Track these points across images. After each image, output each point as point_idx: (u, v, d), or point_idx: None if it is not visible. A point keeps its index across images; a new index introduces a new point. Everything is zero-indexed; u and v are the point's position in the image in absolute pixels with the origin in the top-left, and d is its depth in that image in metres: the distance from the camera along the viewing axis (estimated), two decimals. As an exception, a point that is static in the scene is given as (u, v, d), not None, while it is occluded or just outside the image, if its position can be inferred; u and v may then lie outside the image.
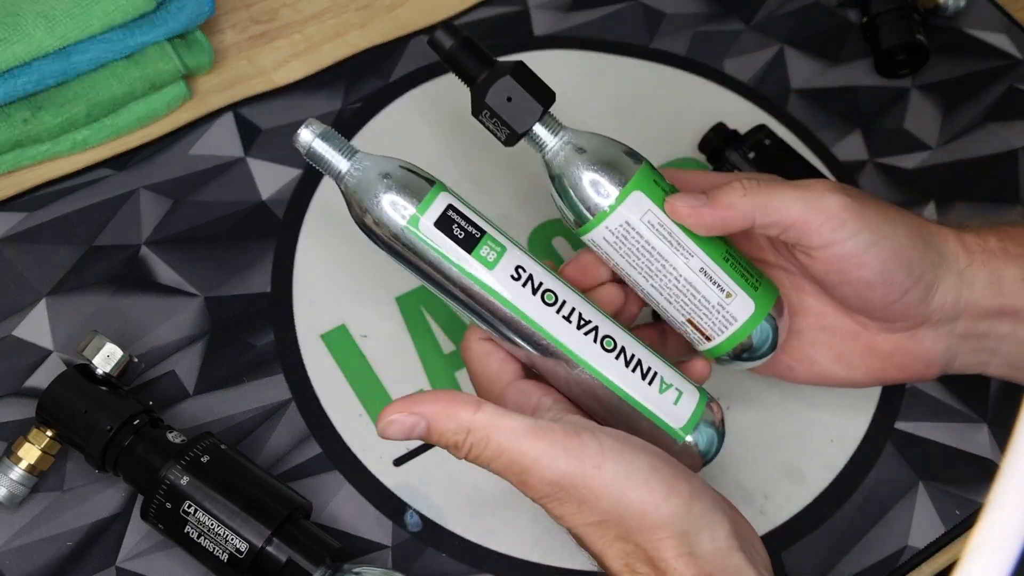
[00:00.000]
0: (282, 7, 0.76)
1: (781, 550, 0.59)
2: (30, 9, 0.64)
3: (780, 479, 0.61)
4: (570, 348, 0.50)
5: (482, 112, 0.52)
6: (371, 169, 0.49)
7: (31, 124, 0.66)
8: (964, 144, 0.74)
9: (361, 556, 0.57)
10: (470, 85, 0.53)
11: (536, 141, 0.52)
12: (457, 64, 0.52)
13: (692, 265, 0.52)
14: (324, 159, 0.49)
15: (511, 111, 0.52)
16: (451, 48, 0.52)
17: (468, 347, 0.53)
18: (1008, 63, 0.77)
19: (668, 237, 0.51)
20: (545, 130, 0.52)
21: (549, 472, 0.45)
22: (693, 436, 0.52)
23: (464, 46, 0.52)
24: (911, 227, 0.53)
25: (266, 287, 0.65)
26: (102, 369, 0.56)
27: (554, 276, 0.51)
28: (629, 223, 0.51)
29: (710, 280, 0.52)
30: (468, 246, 0.49)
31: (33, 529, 0.56)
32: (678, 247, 0.52)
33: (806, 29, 0.78)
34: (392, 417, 0.46)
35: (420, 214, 0.49)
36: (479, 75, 0.52)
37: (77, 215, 0.66)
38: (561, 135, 0.52)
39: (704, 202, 0.50)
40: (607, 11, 0.77)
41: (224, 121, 0.71)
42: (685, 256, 0.52)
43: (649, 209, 0.51)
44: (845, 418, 0.63)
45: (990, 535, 0.30)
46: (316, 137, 0.49)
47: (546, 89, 0.52)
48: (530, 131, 0.52)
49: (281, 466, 0.59)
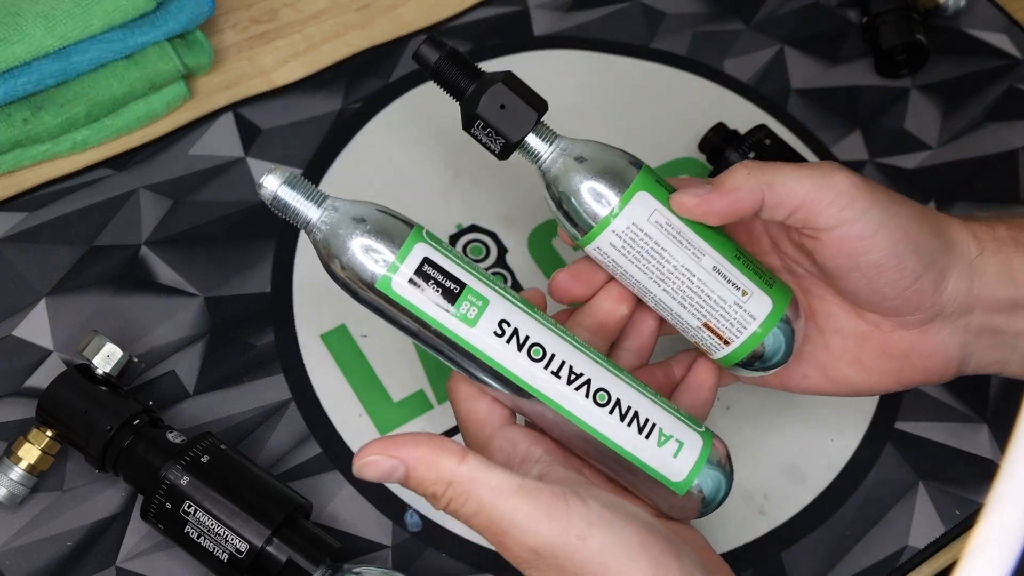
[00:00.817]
0: (282, 7, 0.76)
1: (781, 550, 0.59)
2: (30, 9, 0.64)
3: (780, 479, 0.61)
4: (560, 405, 0.47)
5: (474, 124, 0.50)
6: (343, 218, 0.46)
7: (31, 124, 0.66)
8: (964, 144, 0.74)
9: (361, 556, 0.57)
10: (459, 98, 0.51)
11: (531, 152, 0.50)
12: (444, 78, 0.51)
13: (705, 264, 0.50)
14: (291, 208, 0.45)
15: (504, 120, 0.50)
16: (437, 61, 0.50)
17: (454, 388, 0.50)
18: (1008, 63, 0.77)
19: (677, 236, 0.49)
20: (539, 140, 0.50)
21: (530, 538, 0.42)
22: (698, 481, 0.49)
23: (450, 58, 0.50)
24: (919, 211, 0.51)
25: (266, 287, 0.65)
26: (102, 369, 0.56)
27: (542, 323, 0.47)
28: (637, 224, 0.49)
29: (724, 278, 0.50)
30: (448, 301, 0.46)
31: (33, 529, 0.56)
32: (689, 246, 0.50)
33: (806, 29, 0.78)
34: (370, 458, 0.42)
35: (392, 273, 0.45)
36: (467, 87, 0.50)
37: (77, 215, 0.66)
38: (556, 144, 0.50)
39: (710, 189, 0.49)
40: (607, 11, 0.78)
41: (224, 121, 0.71)
42: (697, 255, 0.50)
43: (656, 209, 0.49)
44: (845, 418, 0.63)
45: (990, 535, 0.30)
46: (282, 184, 0.45)
47: (538, 97, 0.51)
48: (524, 141, 0.50)
49: (281, 466, 0.59)
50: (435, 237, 0.47)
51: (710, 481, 0.49)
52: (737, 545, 0.59)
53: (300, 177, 0.46)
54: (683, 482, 0.49)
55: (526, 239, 0.68)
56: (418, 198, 0.68)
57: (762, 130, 0.68)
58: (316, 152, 0.70)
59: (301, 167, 0.69)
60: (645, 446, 0.48)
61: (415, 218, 0.47)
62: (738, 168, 0.49)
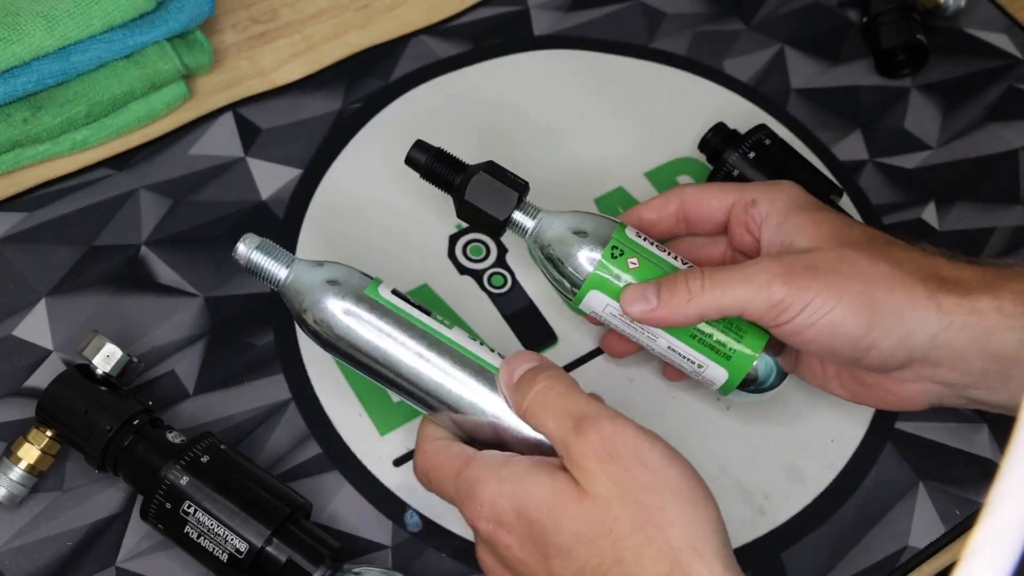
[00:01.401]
0: (282, 7, 0.76)
1: (781, 550, 0.59)
2: (30, 9, 0.64)
3: (780, 479, 0.61)
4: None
5: (466, 211, 0.57)
6: (306, 276, 0.54)
7: (31, 124, 0.66)
8: (964, 144, 0.74)
9: (361, 556, 0.57)
10: (450, 191, 0.57)
11: (518, 227, 0.57)
12: (435, 175, 0.57)
13: (660, 344, 0.56)
14: (264, 269, 0.54)
15: (491, 203, 0.56)
16: (426, 161, 0.57)
17: (421, 446, 0.53)
18: (1008, 63, 0.77)
19: (631, 323, 0.56)
20: (524, 216, 0.57)
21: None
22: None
23: (437, 157, 0.57)
24: (861, 299, 0.51)
25: (266, 287, 0.65)
26: (102, 369, 0.56)
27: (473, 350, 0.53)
28: (596, 312, 0.57)
29: (679, 355, 0.56)
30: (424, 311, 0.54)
31: (33, 529, 0.56)
32: (643, 330, 0.56)
33: (806, 29, 0.78)
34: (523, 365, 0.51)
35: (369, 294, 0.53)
36: (455, 180, 0.57)
37: (77, 215, 0.66)
38: (538, 219, 0.57)
39: (654, 306, 0.53)
40: (607, 11, 0.77)
41: (224, 121, 0.71)
42: (652, 337, 0.56)
43: (607, 304, 0.56)
44: (845, 418, 0.63)
45: (990, 535, 0.30)
46: (254, 250, 0.54)
47: (518, 180, 0.57)
48: (511, 218, 0.56)
49: (281, 466, 0.59)
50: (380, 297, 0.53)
51: None
52: (737, 545, 0.59)
53: (270, 243, 0.54)
54: None
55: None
56: (418, 198, 0.68)
57: (762, 130, 0.67)
58: (316, 152, 0.70)
59: (301, 167, 0.69)
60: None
61: (415, 218, 0.47)
62: (680, 290, 0.53)
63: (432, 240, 0.66)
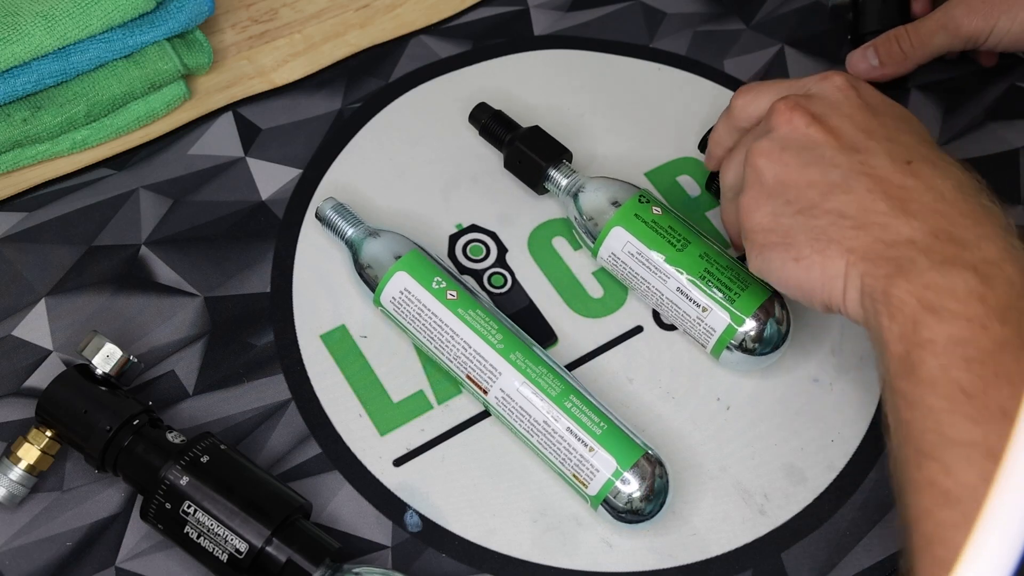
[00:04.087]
0: (282, 7, 0.76)
1: (781, 550, 0.59)
2: (29, 9, 0.64)
3: (780, 479, 0.61)
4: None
5: (514, 157, 0.66)
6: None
7: (31, 124, 0.66)
8: (964, 144, 0.74)
9: (361, 556, 0.57)
10: (500, 146, 0.67)
11: (556, 179, 0.66)
12: (490, 131, 0.68)
13: (670, 286, 0.61)
14: (336, 224, 0.63)
15: (540, 151, 0.66)
16: (486, 119, 0.68)
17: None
18: (1008, 62, 0.77)
19: (646, 263, 0.61)
20: (562, 171, 0.65)
21: None
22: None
23: (495, 117, 0.68)
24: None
25: (266, 287, 0.65)
26: (102, 369, 0.56)
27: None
28: (615, 254, 0.62)
29: (686, 297, 0.60)
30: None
31: (33, 529, 0.56)
32: (656, 271, 0.61)
33: (806, 29, 0.78)
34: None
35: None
36: (506, 136, 0.67)
37: (77, 215, 0.66)
38: (573, 177, 0.65)
39: (876, 65, 0.71)
40: (607, 11, 0.77)
41: (224, 121, 0.71)
42: (663, 278, 0.61)
43: (628, 241, 0.61)
44: (845, 418, 0.63)
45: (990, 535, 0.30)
46: (330, 209, 0.63)
47: (561, 145, 0.66)
48: (548, 172, 0.65)
49: (281, 466, 0.59)
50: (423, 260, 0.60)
51: None
52: (737, 545, 0.59)
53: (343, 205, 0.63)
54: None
55: (526, 239, 0.68)
56: (418, 198, 0.68)
57: (762, 130, 0.68)
58: (316, 152, 0.70)
59: (301, 167, 0.69)
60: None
61: (415, 218, 0.47)
62: (895, 44, 0.71)
63: (432, 240, 0.66)
